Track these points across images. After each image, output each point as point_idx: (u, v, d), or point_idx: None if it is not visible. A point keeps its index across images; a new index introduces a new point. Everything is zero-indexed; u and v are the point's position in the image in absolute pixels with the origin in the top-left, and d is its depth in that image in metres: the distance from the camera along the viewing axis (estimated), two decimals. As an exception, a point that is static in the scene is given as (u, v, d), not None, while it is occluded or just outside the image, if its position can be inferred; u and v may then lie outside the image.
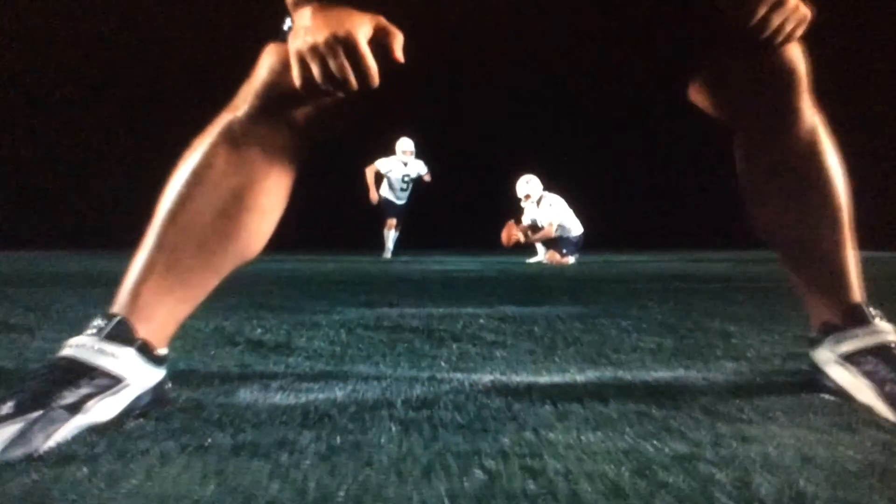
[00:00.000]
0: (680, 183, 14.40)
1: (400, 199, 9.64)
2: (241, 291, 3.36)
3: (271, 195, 1.06)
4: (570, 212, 8.20)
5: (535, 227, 8.10)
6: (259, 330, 2.00)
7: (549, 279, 4.71)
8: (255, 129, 1.03)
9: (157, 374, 1.06)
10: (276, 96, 1.01)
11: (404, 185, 9.59)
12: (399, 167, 9.53)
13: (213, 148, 1.03)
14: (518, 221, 8.22)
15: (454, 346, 1.75)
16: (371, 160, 9.57)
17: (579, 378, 1.35)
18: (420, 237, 9.92)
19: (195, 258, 1.03)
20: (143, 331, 1.03)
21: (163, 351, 1.08)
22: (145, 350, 1.03)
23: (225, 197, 1.03)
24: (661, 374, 1.41)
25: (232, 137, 1.03)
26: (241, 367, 1.45)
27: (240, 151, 1.03)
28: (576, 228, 8.11)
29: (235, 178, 1.03)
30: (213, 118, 1.07)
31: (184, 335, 1.89)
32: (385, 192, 9.63)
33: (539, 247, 8.14)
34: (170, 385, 1.13)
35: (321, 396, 1.18)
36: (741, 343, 1.80)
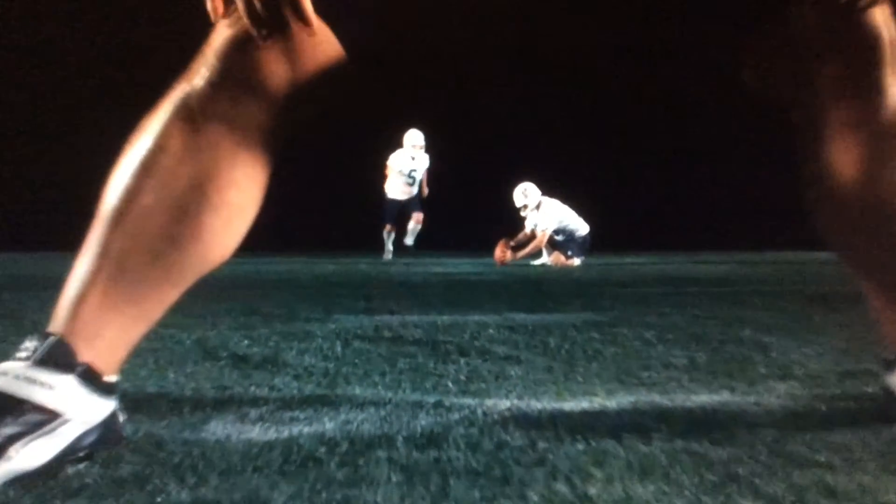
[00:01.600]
0: (678, 184, 14.20)
1: (405, 194, 9.12)
2: (232, 296, 3.17)
3: (241, 188, 0.86)
4: (573, 213, 8.00)
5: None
6: (246, 342, 1.81)
7: (556, 283, 4.52)
8: (218, 101, 0.83)
9: (104, 407, 0.87)
10: (243, 56, 0.81)
11: (410, 181, 9.07)
12: (407, 162, 9.03)
13: (166, 129, 0.83)
14: (513, 236, 8.00)
15: (462, 361, 1.56)
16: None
17: (609, 404, 1.16)
18: (420, 238, 9.68)
19: (147, 267, 0.83)
20: (86, 353, 0.84)
21: (112, 378, 0.89)
22: (89, 377, 0.84)
23: (182, 191, 0.83)
24: (704, 397, 1.21)
25: (189, 114, 0.83)
26: (219, 390, 1.25)
27: (199, 132, 0.83)
28: (581, 228, 7.91)
29: (194, 167, 0.83)
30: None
31: (161, 348, 1.70)
32: (389, 188, 9.14)
33: (544, 251, 7.94)
34: (123, 418, 0.93)
35: (307, 430, 0.99)
36: (783, 357, 1.61)
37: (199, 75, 0.83)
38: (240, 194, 0.85)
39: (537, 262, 7.93)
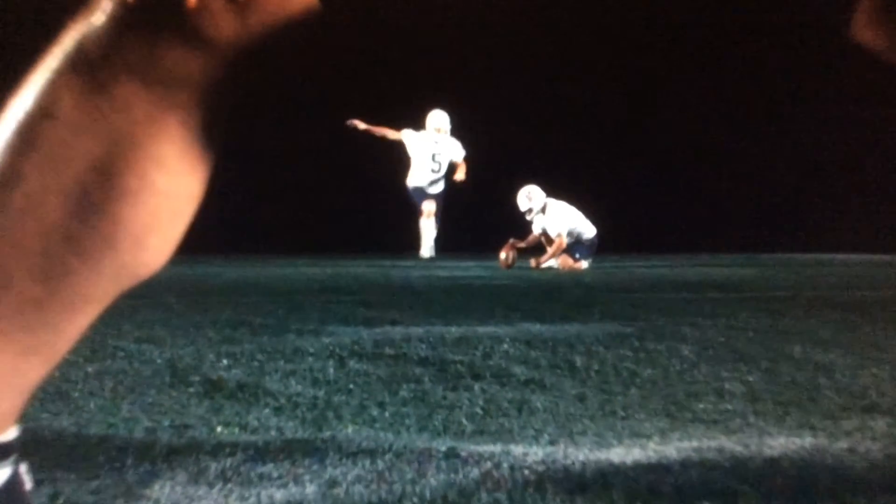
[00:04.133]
0: (680, 184, 13.94)
1: (433, 186, 7.56)
2: (220, 304, 2.93)
3: (169, 167, 0.59)
4: (580, 214, 7.77)
5: (548, 238, 7.66)
6: (225, 361, 1.57)
7: (567, 287, 4.27)
8: (128, 47, 0.57)
9: (-7, 477, 0.63)
10: None
11: (435, 166, 7.54)
12: (428, 143, 7.54)
13: (55, 86, 0.57)
14: (521, 238, 7.75)
15: (476, 387, 1.32)
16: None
17: (668, 452, 0.92)
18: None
19: (38, 281, 0.58)
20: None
21: (7, 434, 0.64)
22: (-34, 439, 0.60)
23: (81, 172, 0.57)
24: (783, 441, 0.97)
25: (86, 65, 0.57)
26: (178, 432, 1.01)
27: (102, 90, 0.58)
28: (588, 231, 7.67)
29: (97, 138, 0.57)
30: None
31: (124, 370, 1.46)
32: (411, 179, 7.66)
33: (550, 251, 7.70)
34: (31, 486, 0.69)
35: (280, 496, 0.75)
36: (854, 382, 1.37)
37: (99, 9, 0.57)
38: (168, 176, 0.59)
39: (544, 265, 7.69)
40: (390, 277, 5.20)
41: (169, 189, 0.60)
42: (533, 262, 7.54)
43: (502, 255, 7.46)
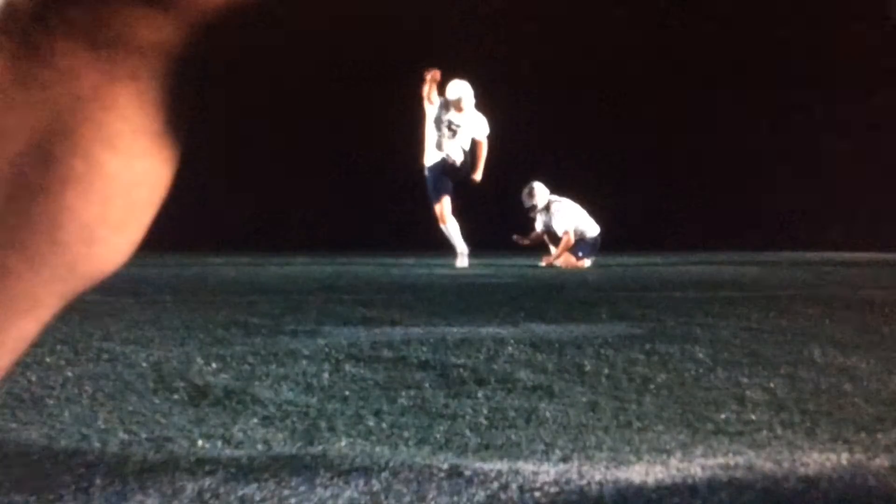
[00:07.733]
0: (678, 183, 13.83)
1: (453, 153, 6.43)
2: (215, 303, 2.85)
3: (122, 149, 0.51)
4: (584, 212, 7.68)
5: (551, 235, 7.57)
6: (214, 365, 1.49)
7: (572, 286, 4.19)
8: (71, 5, 0.49)
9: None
10: None
11: (450, 134, 6.41)
12: (445, 113, 6.37)
13: None
14: (525, 235, 7.67)
15: (480, 394, 1.23)
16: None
17: (694, 471, 0.83)
18: (422, 237, 9.25)
19: None
20: None
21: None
22: None
23: (16, 153, 0.49)
24: (817, 457, 0.89)
25: (19, 27, 0.49)
26: (154, 445, 0.93)
27: (38, 56, 0.49)
28: (591, 229, 7.58)
29: (36, 114, 0.49)
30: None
31: (106, 374, 1.38)
32: (429, 159, 6.53)
33: (553, 248, 7.62)
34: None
35: (261, 525, 0.67)
36: (883, 388, 1.28)
37: None
38: (121, 158, 0.50)
39: (545, 262, 7.61)
40: (391, 276, 5.12)
41: (123, 174, 0.50)
42: (544, 262, 7.45)
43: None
